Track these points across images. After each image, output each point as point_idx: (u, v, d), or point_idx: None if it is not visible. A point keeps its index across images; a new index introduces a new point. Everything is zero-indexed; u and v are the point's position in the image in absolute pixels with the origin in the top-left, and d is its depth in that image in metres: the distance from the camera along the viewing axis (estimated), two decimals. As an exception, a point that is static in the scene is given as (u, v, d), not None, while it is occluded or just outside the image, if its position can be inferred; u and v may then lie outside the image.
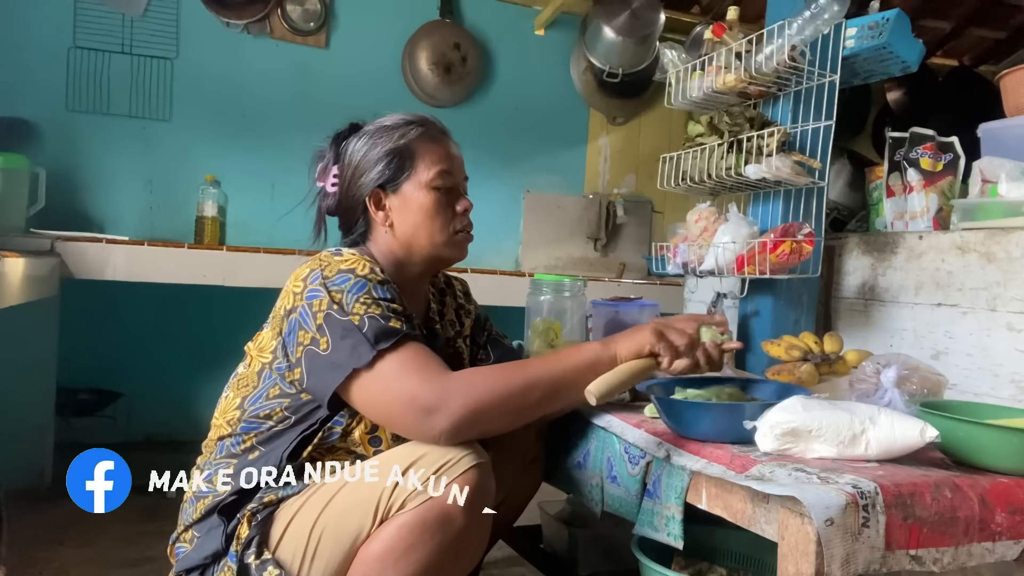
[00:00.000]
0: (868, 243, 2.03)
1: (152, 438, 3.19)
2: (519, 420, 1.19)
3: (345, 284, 1.17)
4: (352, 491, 1.12)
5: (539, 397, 1.16)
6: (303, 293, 1.18)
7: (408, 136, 1.33)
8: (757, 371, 1.94)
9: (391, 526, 1.08)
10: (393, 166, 1.32)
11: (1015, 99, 1.92)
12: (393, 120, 1.36)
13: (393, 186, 1.32)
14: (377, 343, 1.11)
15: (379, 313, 1.14)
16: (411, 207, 1.32)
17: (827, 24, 1.74)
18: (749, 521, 1.04)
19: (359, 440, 1.21)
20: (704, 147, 1.95)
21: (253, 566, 1.14)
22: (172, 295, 2.91)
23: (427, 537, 1.06)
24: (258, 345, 1.28)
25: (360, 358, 1.11)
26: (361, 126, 1.39)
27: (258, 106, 3.30)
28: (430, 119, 1.38)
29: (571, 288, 1.90)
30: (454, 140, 1.41)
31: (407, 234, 1.33)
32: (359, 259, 1.22)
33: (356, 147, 1.35)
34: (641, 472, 1.29)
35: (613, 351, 1.20)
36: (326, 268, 1.19)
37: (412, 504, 1.07)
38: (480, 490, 1.10)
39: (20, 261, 1.97)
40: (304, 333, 1.16)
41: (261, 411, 1.23)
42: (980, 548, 1.00)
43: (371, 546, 1.09)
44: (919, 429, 1.06)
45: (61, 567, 1.97)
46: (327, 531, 1.12)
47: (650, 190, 3.96)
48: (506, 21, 3.72)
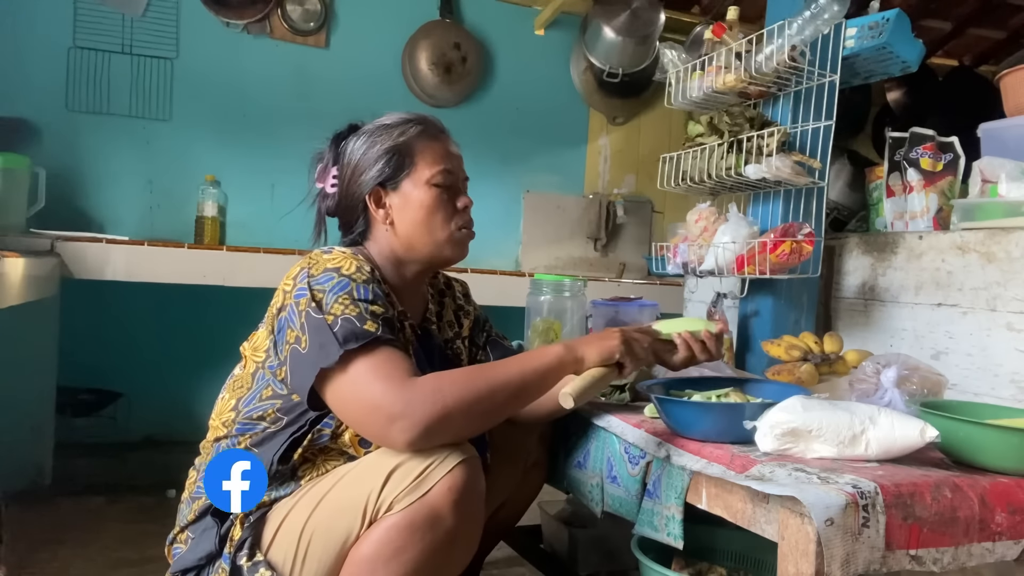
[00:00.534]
0: (868, 243, 2.03)
1: (152, 438, 3.20)
2: (485, 424, 1.18)
3: (328, 283, 1.16)
4: (341, 493, 1.12)
5: (504, 400, 1.15)
6: (292, 292, 1.18)
7: (408, 134, 1.33)
8: (757, 371, 1.94)
9: (380, 528, 1.07)
10: (393, 164, 1.31)
11: (1015, 99, 1.92)
12: (392, 119, 1.35)
13: (393, 184, 1.32)
14: (345, 343, 1.10)
15: (355, 314, 1.13)
16: (411, 204, 1.32)
17: (827, 24, 1.74)
18: (749, 521, 1.04)
19: (349, 442, 1.21)
20: (704, 147, 1.95)
21: (245, 568, 1.14)
22: (172, 295, 2.91)
23: (416, 538, 1.06)
24: (253, 345, 1.28)
25: (327, 357, 1.10)
26: (360, 127, 1.39)
27: (258, 106, 3.31)
28: (429, 118, 1.38)
29: (571, 288, 1.90)
30: (453, 139, 1.41)
31: (408, 232, 1.32)
32: (347, 257, 1.21)
33: (355, 146, 1.35)
34: (641, 472, 1.29)
35: (579, 355, 1.20)
36: (313, 267, 1.19)
37: (400, 505, 1.06)
38: (468, 488, 1.09)
39: (20, 261, 1.97)
40: (291, 331, 1.16)
41: (254, 412, 1.22)
42: (980, 548, 1.00)
43: (361, 548, 1.09)
44: (919, 429, 1.06)
45: (61, 567, 1.97)
46: (317, 533, 1.12)
47: (650, 190, 3.96)
48: (506, 21, 3.72)
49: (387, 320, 1.17)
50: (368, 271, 1.21)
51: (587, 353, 1.21)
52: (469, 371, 1.16)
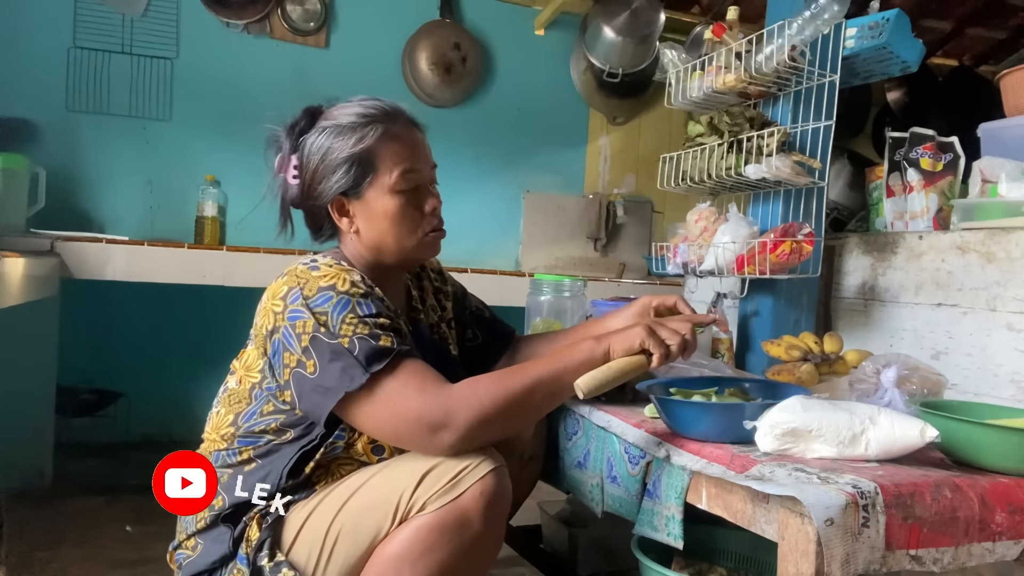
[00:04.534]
0: (868, 243, 2.03)
1: (151, 438, 3.19)
2: (524, 423, 1.22)
3: (327, 304, 1.14)
4: (371, 491, 1.13)
5: (540, 399, 1.17)
6: (284, 313, 1.15)
7: (367, 139, 1.24)
8: (757, 371, 1.94)
9: (410, 527, 1.08)
10: (354, 172, 1.24)
11: (1015, 99, 1.92)
12: (351, 117, 1.26)
13: (355, 192, 1.26)
14: (370, 365, 1.10)
15: (367, 333, 1.12)
16: (376, 213, 1.26)
17: (827, 24, 1.74)
18: (749, 521, 1.04)
19: (362, 451, 1.21)
20: (704, 147, 1.95)
21: (267, 568, 1.14)
22: (172, 295, 2.90)
23: (445, 540, 1.07)
24: (244, 364, 1.26)
25: (352, 381, 1.10)
26: (319, 113, 1.30)
27: (258, 106, 3.27)
28: (391, 110, 1.29)
29: (571, 288, 1.90)
30: (419, 126, 1.32)
31: (375, 240, 1.28)
32: (338, 272, 1.18)
33: (314, 147, 1.27)
34: (641, 472, 1.29)
35: (606, 347, 1.19)
36: (305, 287, 1.16)
37: (433, 506, 1.08)
38: (499, 495, 1.11)
39: (20, 261, 1.97)
40: (289, 355, 1.14)
41: (256, 427, 1.21)
42: (980, 548, 1.00)
43: (389, 546, 1.09)
44: (919, 429, 1.06)
45: (61, 567, 1.97)
46: (345, 531, 1.12)
47: (650, 190, 3.95)
48: (506, 21, 3.72)
49: (397, 330, 1.17)
50: (362, 283, 1.19)
51: (614, 345, 1.19)
52: (503, 374, 1.16)
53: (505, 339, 1.58)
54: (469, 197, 3.51)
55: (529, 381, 1.14)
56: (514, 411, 1.13)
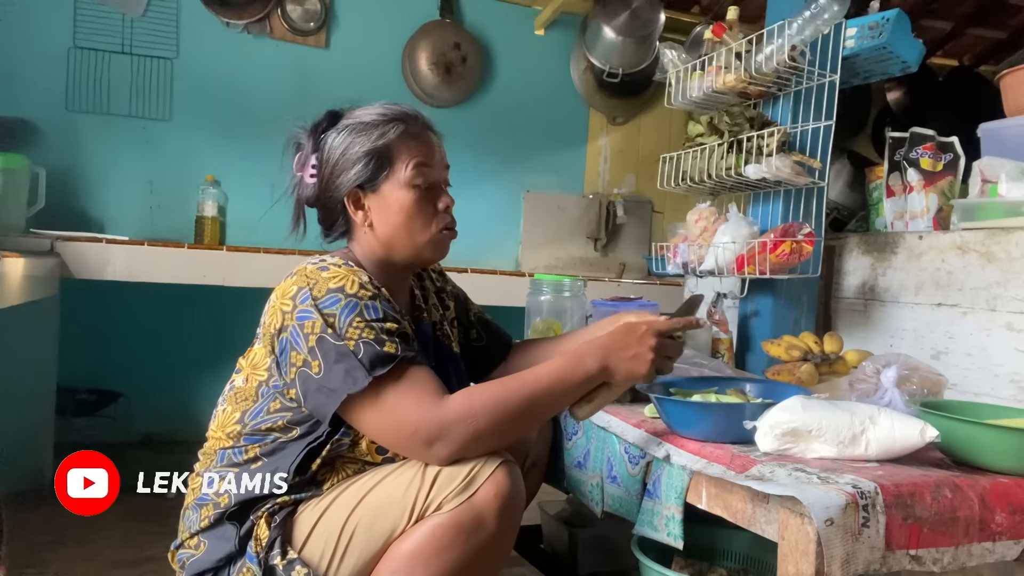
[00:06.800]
0: (868, 243, 2.03)
1: (152, 438, 3.19)
2: (520, 436, 1.24)
3: (336, 306, 1.15)
4: (387, 489, 1.14)
5: (539, 413, 1.20)
6: (293, 313, 1.16)
7: (387, 136, 1.28)
8: (757, 371, 1.94)
9: (426, 525, 1.10)
10: (372, 166, 1.27)
11: (1015, 99, 1.92)
12: (372, 116, 1.30)
13: (372, 186, 1.28)
14: (373, 369, 1.11)
15: (373, 337, 1.13)
16: (391, 207, 1.28)
17: (827, 24, 1.74)
18: (749, 521, 1.04)
19: (366, 450, 1.22)
20: (704, 147, 1.95)
21: (280, 567, 1.14)
22: (172, 295, 2.90)
23: (461, 539, 1.08)
24: (251, 362, 1.27)
25: (355, 383, 1.11)
26: (341, 115, 1.34)
27: (258, 106, 3.30)
28: (411, 113, 1.33)
29: (571, 288, 1.90)
30: (436, 132, 1.36)
31: (387, 234, 1.30)
32: (347, 274, 1.19)
33: (335, 143, 1.30)
34: (641, 472, 1.29)
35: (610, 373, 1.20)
36: (314, 287, 1.17)
37: (449, 506, 1.09)
38: (513, 496, 1.12)
39: (20, 261, 1.97)
40: (296, 354, 1.16)
41: (263, 424, 1.22)
42: (980, 548, 1.00)
43: (403, 544, 1.10)
44: (919, 429, 1.06)
45: (61, 567, 1.97)
46: (360, 528, 1.13)
47: (650, 190, 3.95)
48: (506, 21, 3.72)
49: (402, 335, 1.18)
50: (370, 285, 1.20)
51: (616, 373, 1.19)
52: (501, 386, 1.17)
53: (504, 348, 1.60)
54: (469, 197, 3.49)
55: (526, 397, 1.15)
56: (509, 427, 1.15)
